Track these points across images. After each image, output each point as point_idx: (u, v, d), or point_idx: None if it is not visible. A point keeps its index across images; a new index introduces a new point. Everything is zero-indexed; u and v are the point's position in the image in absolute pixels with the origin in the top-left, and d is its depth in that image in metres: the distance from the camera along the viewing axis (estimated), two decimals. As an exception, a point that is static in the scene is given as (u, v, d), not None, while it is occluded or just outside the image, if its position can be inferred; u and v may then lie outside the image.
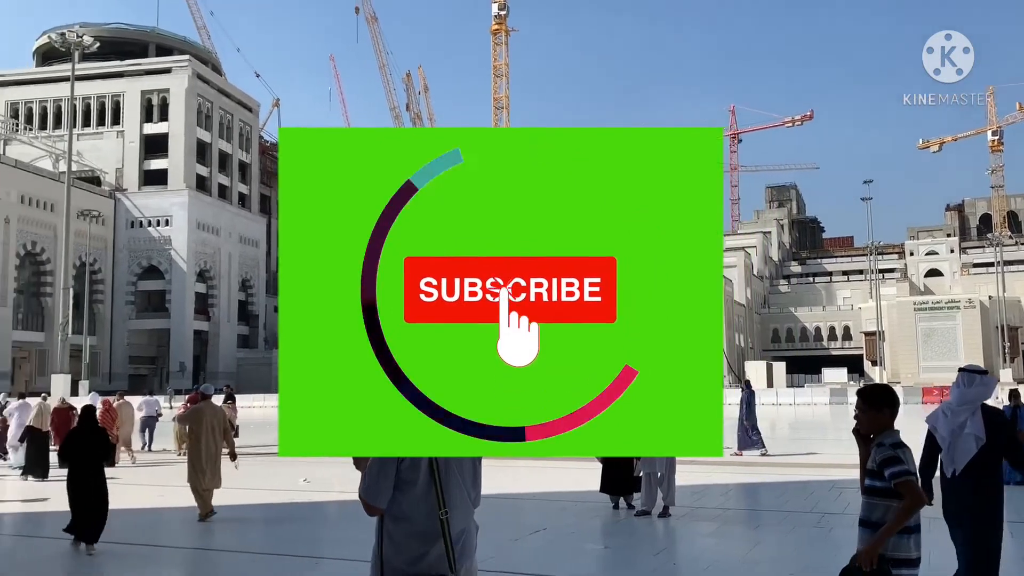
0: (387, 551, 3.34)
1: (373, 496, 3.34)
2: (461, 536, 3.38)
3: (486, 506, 11.41)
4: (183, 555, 9.74)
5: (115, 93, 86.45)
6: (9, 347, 71.00)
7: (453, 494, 3.37)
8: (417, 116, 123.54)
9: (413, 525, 3.31)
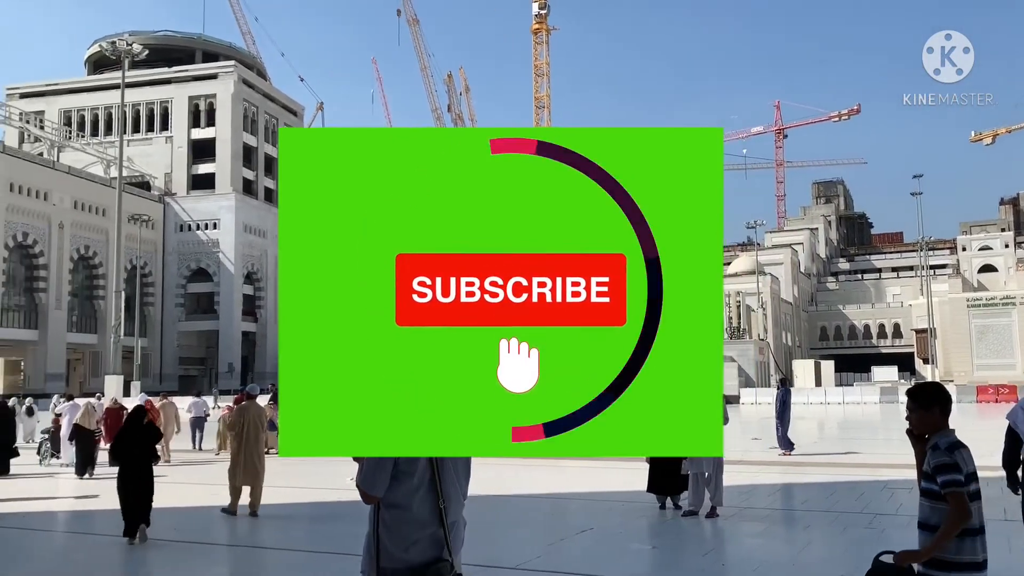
0: (383, 537, 3.49)
1: (370, 485, 3.46)
2: (453, 527, 3.51)
3: (531, 506, 11.50)
4: (228, 552, 9.89)
5: (163, 99, 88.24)
6: (64, 349, 72.90)
7: (448, 486, 3.51)
8: (458, 117, 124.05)
9: (408, 513, 3.44)
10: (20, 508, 13.02)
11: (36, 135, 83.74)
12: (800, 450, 18.98)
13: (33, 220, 70.01)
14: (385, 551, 3.48)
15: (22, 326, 69.89)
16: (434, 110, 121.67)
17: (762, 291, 79.63)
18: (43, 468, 18.28)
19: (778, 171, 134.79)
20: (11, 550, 10.04)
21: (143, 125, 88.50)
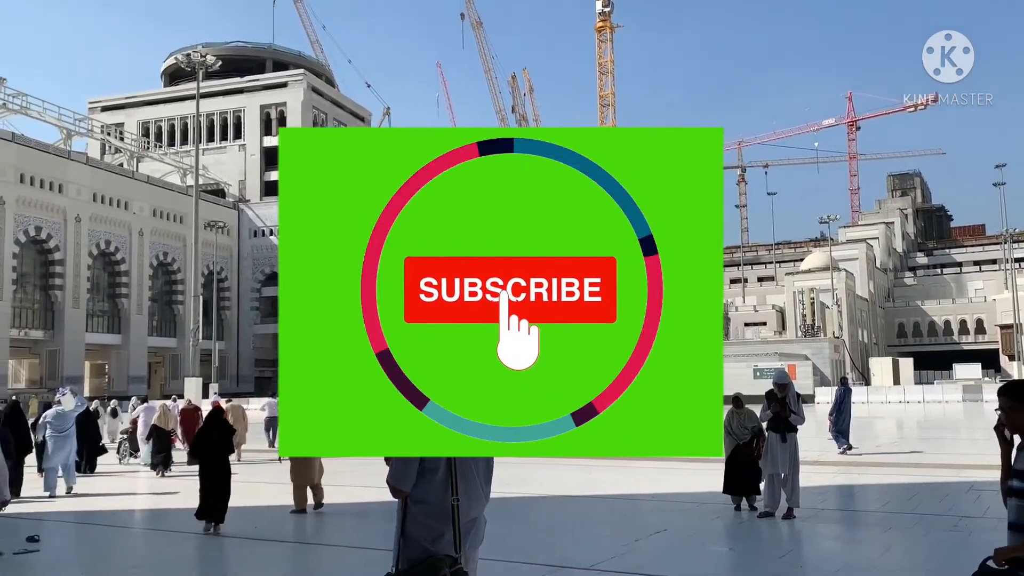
0: (409, 529, 3.71)
1: (399, 481, 3.72)
2: (472, 524, 3.75)
3: (601, 506, 11.46)
4: (289, 548, 10.10)
5: (236, 109, 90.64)
6: (145, 352, 75.50)
7: (469, 484, 3.74)
8: (523, 117, 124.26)
9: (433, 507, 3.68)
10: (105, 505, 13.56)
11: (116, 146, 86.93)
12: (879, 449, 18.48)
13: (115, 228, 72.70)
14: (413, 543, 3.68)
15: (106, 331, 72.64)
16: (498, 111, 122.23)
17: (836, 287, 77.66)
18: (123, 466, 19.02)
19: (851, 164, 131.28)
20: (98, 546, 10.46)
21: (217, 134, 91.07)
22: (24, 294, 65.62)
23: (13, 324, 63.58)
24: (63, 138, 72.99)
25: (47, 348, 67.36)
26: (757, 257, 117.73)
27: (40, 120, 71.25)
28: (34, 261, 66.62)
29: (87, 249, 69.47)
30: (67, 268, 67.55)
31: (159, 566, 8.93)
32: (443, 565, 3.57)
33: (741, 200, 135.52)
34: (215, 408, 11.56)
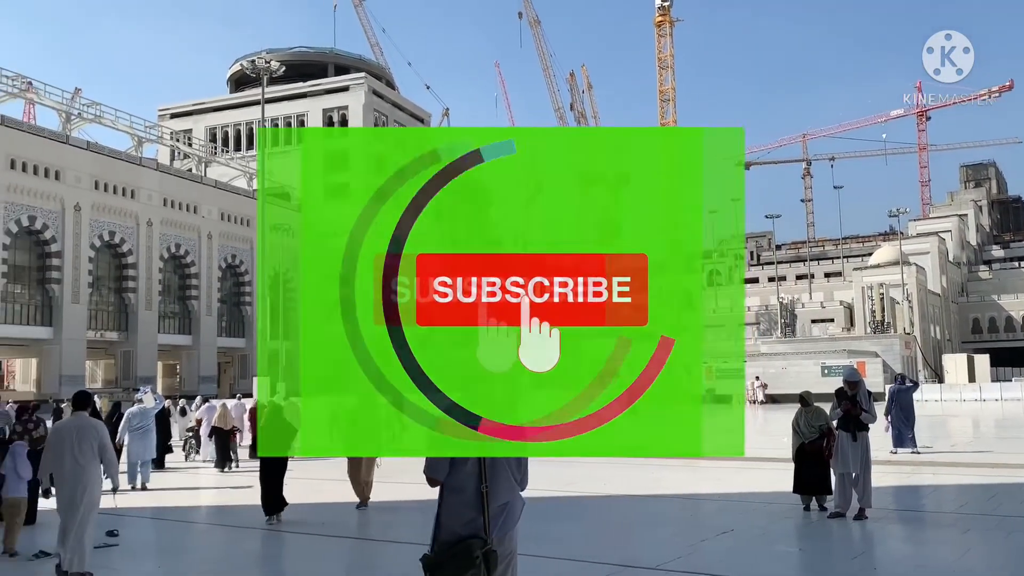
0: (444, 515, 4.08)
1: (433, 471, 4.07)
2: (504, 508, 4.08)
3: (667, 506, 11.30)
4: (349, 544, 10.23)
5: (300, 113, 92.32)
6: (215, 353, 77.48)
7: (497, 473, 4.00)
8: (581, 115, 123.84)
9: (464, 494, 4.01)
10: (176, 500, 13.96)
11: (185, 152, 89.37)
12: (954, 449, 17.88)
13: (185, 232, 74.76)
14: (445, 526, 4.06)
15: (177, 332, 74.77)
16: (557, 109, 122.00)
17: (907, 282, 75.48)
18: (187, 463, 19.58)
19: (921, 155, 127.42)
20: (171, 540, 10.77)
21: (282, 138, 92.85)
22: (100, 297, 67.95)
23: (90, 326, 65.89)
24: (135, 145, 75.33)
25: (121, 349, 69.65)
26: (824, 252, 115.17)
27: (113, 128, 73.67)
28: (109, 265, 68.93)
29: (159, 252, 71.59)
30: (140, 271, 69.73)
31: (227, 560, 9.15)
32: (475, 547, 3.91)
33: (806, 194, 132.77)
34: (274, 407, 12.28)
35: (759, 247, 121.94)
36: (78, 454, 7.81)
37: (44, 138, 63.69)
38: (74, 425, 8.07)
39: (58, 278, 62.95)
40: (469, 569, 3.91)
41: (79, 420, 8.15)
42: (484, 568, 3.92)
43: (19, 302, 61.86)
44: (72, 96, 69.54)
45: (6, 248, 59.30)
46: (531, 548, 8.86)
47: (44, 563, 8.62)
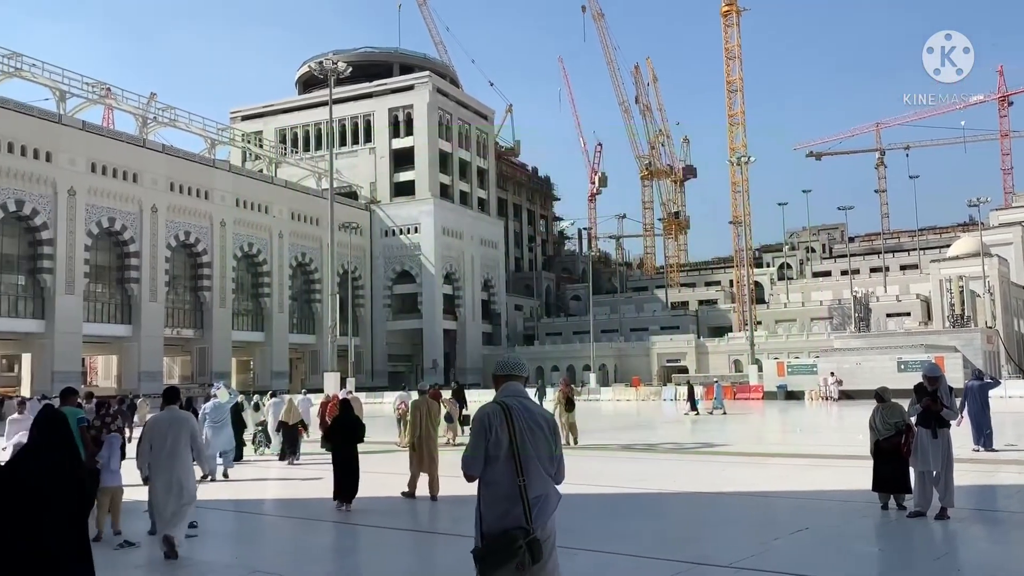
0: (484, 509, 4.30)
1: (469, 467, 4.37)
2: (539, 500, 4.27)
3: (739, 503, 11.09)
4: (418, 537, 10.30)
5: (366, 113, 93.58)
6: (287, 349, 79.24)
7: (530, 468, 4.28)
8: (647, 107, 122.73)
9: (499, 488, 4.26)
10: (251, 492, 14.30)
11: (256, 154, 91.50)
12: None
13: (256, 231, 76.61)
14: (486, 520, 4.26)
15: (250, 329, 76.69)
16: (621, 103, 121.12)
17: (988, 274, 72.66)
18: (256, 456, 20.08)
19: (1003, 142, 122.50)
20: (246, 531, 11.03)
21: (349, 138, 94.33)
22: (176, 295, 70.12)
23: (167, 324, 68.04)
24: (208, 147, 77.48)
25: (197, 346, 71.76)
26: (899, 244, 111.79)
27: (187, 131, 75.92)
28: (184, 264, 71.07)
29: (232, 252, 73.51)
30: (214, 270, 71.72)
31: (300, 552, 9.32)
32: (518, 537, 4.11)
33: (880, 185, 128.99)
34: (344, 402, 12.93)
35: (831, 239, 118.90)
36: (172, 445, 8.47)
37: (122, 142, 65.95)
38: (167, 418, 8.73)
39: (136, 277, 65.15)
40: (514, 558, 4.09)
41: (172, 414, 8.82)
42: (529, 556, 4.10)
43: (100, 301, 64.25)
44: (148, 101, 71.83)
45: (88, 249, 61.61)
46: (600, 544, 8.82)
47: (128, 552, 8.92)
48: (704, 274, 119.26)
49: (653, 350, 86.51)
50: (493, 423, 4.36)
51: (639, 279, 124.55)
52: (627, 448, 20.78)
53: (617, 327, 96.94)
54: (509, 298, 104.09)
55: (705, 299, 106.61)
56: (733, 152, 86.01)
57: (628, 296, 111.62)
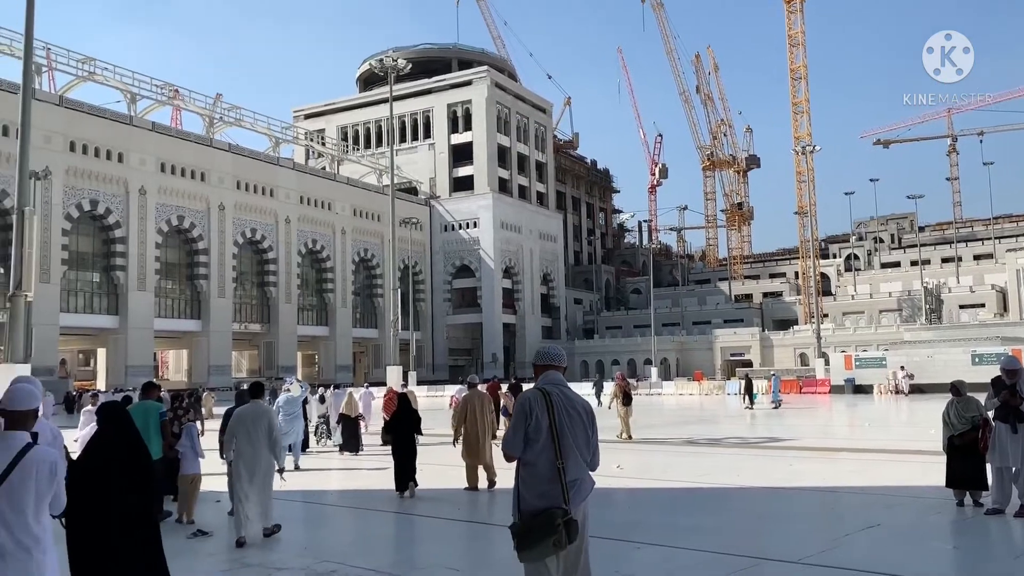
0: (522, 489, 4.52)
1: (510, 448, 4.62)
2: (575, 483, 4.48)
3: (806, 498, 10.83)
4: (475, 528, 10.31)
5: (425, 109, 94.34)
6: (350, 343, 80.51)
7: (568, 452, 4.50)
8: (708, 97, 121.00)
9: (537, 469, 4.47)
10: (311, 483, 14.55)
11: (319, 151, 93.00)
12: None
13: (320, 228, 77.93)
14: (523, 499, 4.48)
15: (315, 323, 78.09)
16: (682, 93, 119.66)
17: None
18: (319, 447, 20.45)
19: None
20: (315, 522, 11.23)
21: (408, 134, 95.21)
22: (243, 291, 71.80)
23: (234, 319, 69.71)
24: (272, 146, 79.03)
25: (264, 340, 73.38)
26: (973, 233, 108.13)
27: (252, 130, 77.55)
28: (251, 260, 72.70)
29: (296, 248, 74.93)
30: (279, 266, 73.19)
31: (365, 542, 9.48)
32: (557, 516, 4.29)
33: (952, 172, 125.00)
34: (403, 395, 13.62)
35: (900, 229, 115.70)
36: (254, 436, 9.01)
37: (190, 142, 67.71)
38: (251, 411, 9.21)
39: (205, 274, 66.89)
40: (552, 535, 4.26)
41: (255, 407, 9.30)
42: (565, 534, 4.28)
43: (171, 297, 66.15)
44: (214, 101, 73.56)
45: (158, 247, 63.47)
46: (665, 539, 8.75)
47: (203, 541, 9.17)
48: (768, 266, 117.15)
49: (716, 344, 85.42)
50: (534, 408, 4.58)
51: (701, 271, 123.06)
52: (691, 443, 20.56)
53: (679, 320, 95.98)
54: (568, 292, 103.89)
55: (770, 291, 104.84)
56: (798, 141, 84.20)
57: (690, 289, 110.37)
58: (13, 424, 4.36)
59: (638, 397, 46.58)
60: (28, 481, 4.13)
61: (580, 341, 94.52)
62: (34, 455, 4.21)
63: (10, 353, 19.06)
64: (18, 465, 4.14)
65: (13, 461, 4.14)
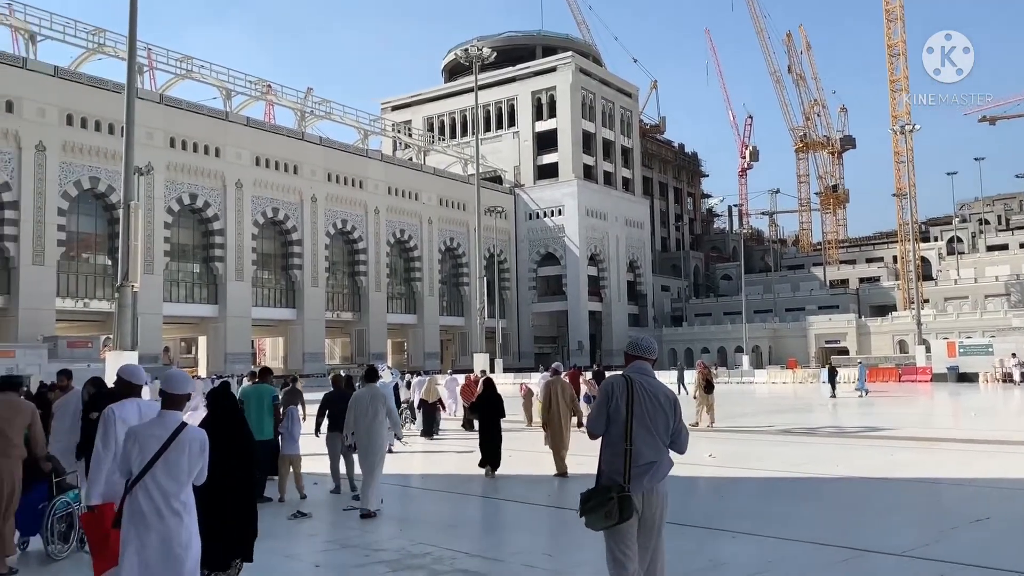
0: (602, 464, 4.95)
1: (592, 427, 5.06)
2: (650, 466, 4.84)
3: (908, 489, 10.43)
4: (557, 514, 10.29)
5: (509, 97, 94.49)
6: (438, 331, 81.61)
7: (639, 436, 4.85)
8: (800, 77, 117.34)
9: (614, 448, 4.88)
10: (401, 467, 14.81)
11: (406, 142, 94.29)
12: None
13: (407, 218, 79.12)
14: (603, 474, 4.89)
15: (403, 312, 79.46)
16: (772, 73, 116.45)
17: None
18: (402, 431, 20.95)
19: None
20: (406, 503, 11.44)
21: (493, 123, 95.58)
22: (335, 280, 73.58)
23: (327, 307, 71.53)
24: (360, 138, 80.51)
25: (355, 328, 75.08)
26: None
27: (341, 123, 79.14)
28: (342, 250, 74.40)
29: (385, 238, 76.32)
30: (369, 256, 74.69)
31: (458, 524, 9.62)
32: (613, 490, 4.71)
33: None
34: (487, 380, 14.16)
35: (1008, 210, 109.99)
36: (369, 417, 9.74)
37: (283, 136, 69.61)
38: (368, 394, 9.97)
39: (299, 264, 68.80)
40: (604, 508, 4.69)
41: (371, 390, 10.06)
42: (617, 509, 4.67)
43: (267, 287, 68.31)
44: (305, 95, 75.33)
45: (254, 238, 65.56)
46: (761, 528, 8.58)
47: (301, 522, 9.46)
48: (865, 250, 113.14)
49: (810, 331, 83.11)
50: (615, 392, 4.95)
51: (794, 256, 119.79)
52: (786, 432, 20.10)
53: (771, 307, 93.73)
54: (656, 279, 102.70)
55: (866, 276, 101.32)
56: (896, 120, 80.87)
57: (783, 274, 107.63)
58: (170, 405, 4.97)
59: (727, 386, 45.74)
60: (182, 456, 4.80)
61: (668, 329, 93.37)
62: (187, 433, 4.87)
63: (119, 341, 20.01)
64: (175, 441, 4.79)
65: (171, 438, 4.80)
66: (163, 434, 4.81)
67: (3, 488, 6.92)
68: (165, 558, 4.71)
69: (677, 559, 6.36)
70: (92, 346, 48.03)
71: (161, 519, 4.72)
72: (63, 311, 53.97)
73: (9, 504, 6.94)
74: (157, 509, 4.72)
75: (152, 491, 4.73)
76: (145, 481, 4.75)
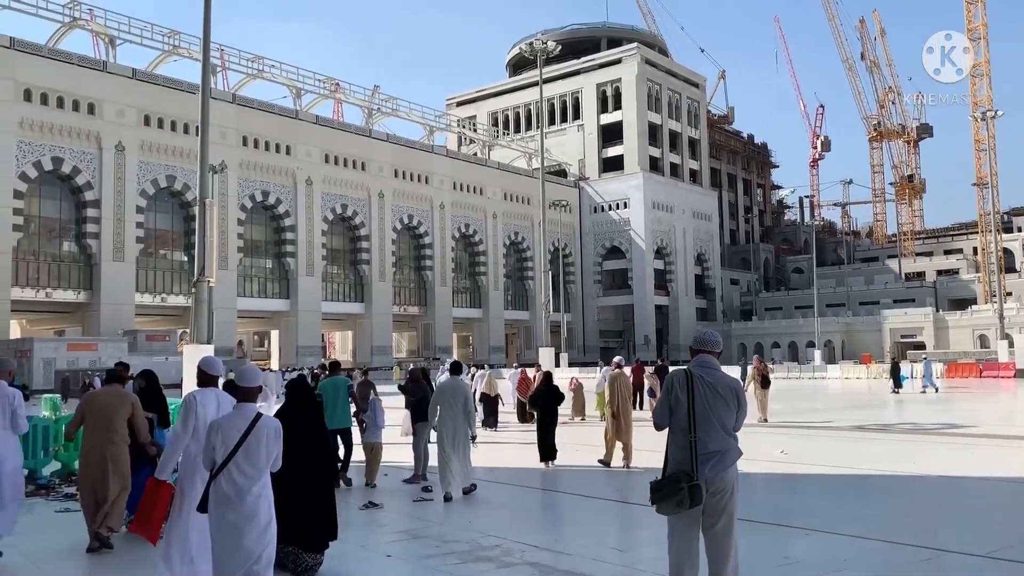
0: (669, 454, 5.13)
1: (657, 418, 5.28)
2: (715, 455, 5.00)
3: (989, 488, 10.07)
4: (618, 507, 10.22)
5: (574, 90, 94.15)
6: (503, 325, 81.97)
7: (703, 426, 5.01)
8: (874, 64, 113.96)
9: (678, 439, 5.07)
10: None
11: (471, 137, 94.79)
12: None
13: (472, 213, 79.59)
14: (670, 463, 5.07)
15: (469, 306, 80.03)
16: (845, 60, 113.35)
17: None
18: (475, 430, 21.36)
19: None
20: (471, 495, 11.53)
21: (557, 116, 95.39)
22: (402, 275, 74.53)
23: (394, 302, 72.51)
24: (426, 134, 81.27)
25: (421, 322, 75.95)
26: None
27: (407, 120, 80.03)
28: (408, 245, 75.31)
29: (450, 233, 76.94)
30: (435, 250, 75.43)
31: (524, 517, 9.69)
32: (683, 480, 4.87)
33: None
34: (546, 373, 14.68)
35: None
36: (454, 407, 10.37)
37: (351, 133, 70.76)
38: (451, 385, 10.64)
39: (367, 259, 69.92)
40: (675, 496, 4.86)
41: (454, 381, 10.72)
42: (688, 498, 4.83)
43: (336, 281, 69.59)
44: (372, 93, 76.38)
45: (324, 234, 66.86)
46: (834, 526, 8.41)
47: (373, 513, 9.64)
48: (943, 242, 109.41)
49: (885, 325, 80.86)
50: (675, 386, 5.15)
51: (868, 249, 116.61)
52: (859, 428, 19.62)
53: (844, 301, 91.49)
54: (724, 272, 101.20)
55: (944, 269, 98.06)
56: (976, 107, 77.92)
57: (856, 267, 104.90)
58: (245, 398, 5.42)
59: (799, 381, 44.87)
60: (260, 443, 5.22)
61: (737, 323, 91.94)
62: (264, 423, 5.30)
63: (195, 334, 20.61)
64: (253, 430, 5.22)
65: (249, 427, 5.22)
66: (243, 424, 5.25)
67: (116, 471, 7.53)
68: (246, 537, 5.15)
69: (752, 556, 6.29)
70: (170, 340, 49.70)
71: (243, 502, 5.15)
72: (142, 306, 55.97)
73: (122, 486, 7.58)
74: (239, 493, 5.15)
75: (236, 477, 5.17)
76: (229, 468, 5.18)
